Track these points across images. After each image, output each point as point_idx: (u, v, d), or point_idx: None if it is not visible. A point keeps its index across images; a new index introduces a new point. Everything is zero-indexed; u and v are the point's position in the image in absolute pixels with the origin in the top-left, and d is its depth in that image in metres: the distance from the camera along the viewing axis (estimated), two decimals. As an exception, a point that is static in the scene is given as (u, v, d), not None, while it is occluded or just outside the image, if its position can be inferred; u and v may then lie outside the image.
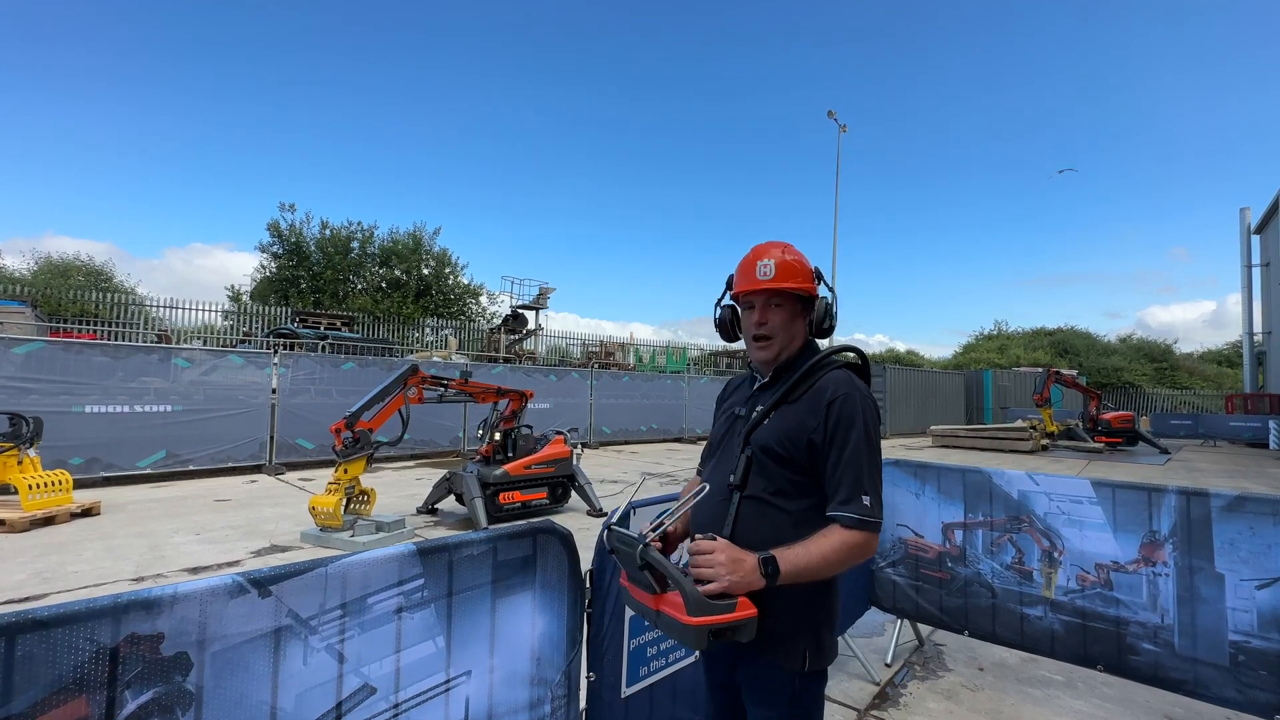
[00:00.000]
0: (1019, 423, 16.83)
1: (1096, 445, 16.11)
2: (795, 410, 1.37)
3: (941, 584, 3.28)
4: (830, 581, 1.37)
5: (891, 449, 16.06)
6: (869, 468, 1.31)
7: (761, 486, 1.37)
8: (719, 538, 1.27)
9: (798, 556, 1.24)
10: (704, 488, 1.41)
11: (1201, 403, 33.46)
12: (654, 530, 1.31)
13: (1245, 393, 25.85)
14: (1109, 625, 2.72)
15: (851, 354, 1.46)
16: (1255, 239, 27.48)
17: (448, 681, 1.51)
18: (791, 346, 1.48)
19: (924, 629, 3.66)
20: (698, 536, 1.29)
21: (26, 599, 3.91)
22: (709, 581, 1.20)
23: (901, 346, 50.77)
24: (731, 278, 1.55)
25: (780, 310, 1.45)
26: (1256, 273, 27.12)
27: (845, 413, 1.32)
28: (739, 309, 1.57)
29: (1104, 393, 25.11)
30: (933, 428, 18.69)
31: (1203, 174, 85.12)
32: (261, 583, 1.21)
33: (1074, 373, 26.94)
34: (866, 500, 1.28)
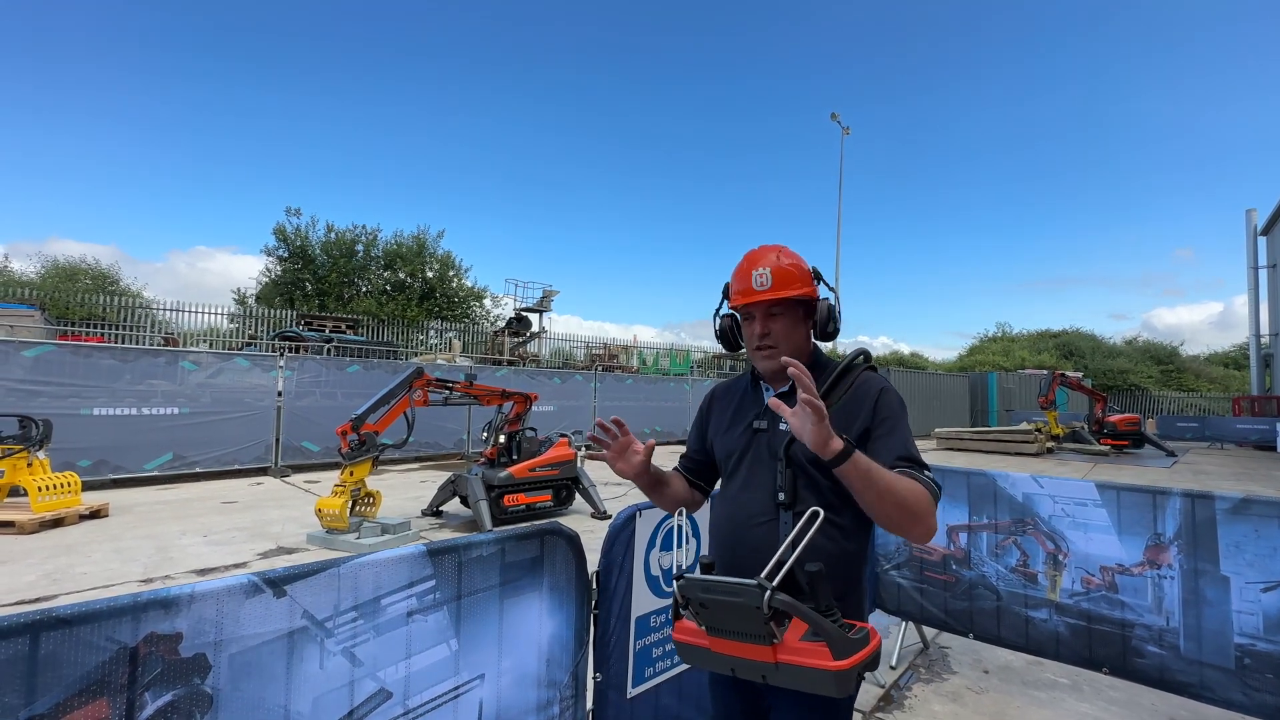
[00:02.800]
0: (1024, 425, 16.77)
1: (1102, 448, 16.04)
2: (835, 416, 1.30)
3: (946, 586, 3.28)
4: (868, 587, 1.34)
5: (895, 451, 15.97)
6: (918, 449, 1.32)
7: (813, 501, 1.29)
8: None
9: (872, 464, 1.17)
10: (817, 512, 1.16)
11: (1208, 405, 33.25)
12: (777, 571, 1.11)
13: (1252, 395, 25.68)
14: (1114, 628, 2.72)
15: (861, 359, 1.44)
16: (1262, 240, 27.33)
17: (462, 685, 1.53)
18: (801, 352, 1.44)
19: (929, 631, 3.66)
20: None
21: (37, 600, 3.95)
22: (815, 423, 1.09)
23: (905, 349, 50.69)
24: (728, 286, 1.50)
25: (780, 318, 1.42)
26: (1263, 274, 26.96)
27: (889, 405, 1.34)
28: (739, 318, 1.52)
29: (1109, 395, 24.95)
30: (937, 430, 18.64)
31: (1209, 176, 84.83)
32: (276, 582, 1.23)
33: (1079, 375, 26.84)
34: (928, 473, 1.26)
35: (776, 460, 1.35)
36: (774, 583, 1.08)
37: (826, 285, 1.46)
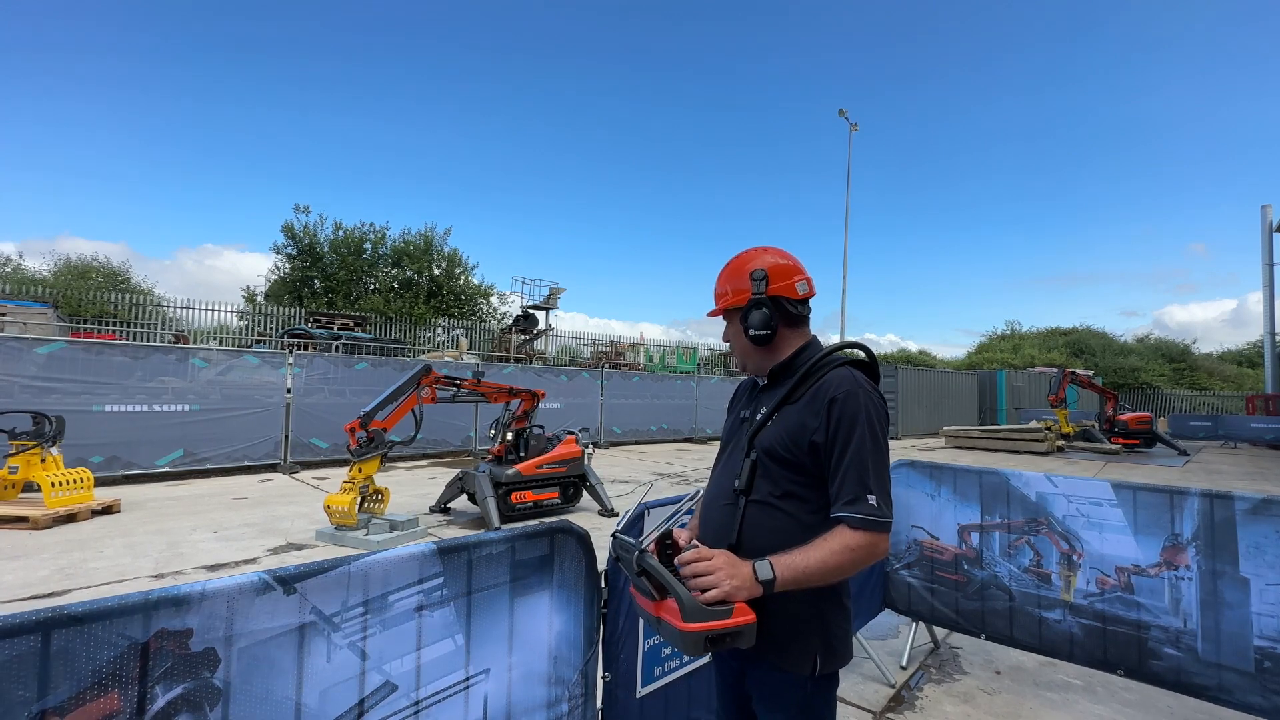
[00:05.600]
0: (1034, 424, 16.63)
1: (1113, 447, 15.88)
2: (796, 410, 1.34)
3: (958, 586, 3.25)
4: (840, 582, 1.32)
5: (904, 450, 15.94)
6: (874, 465, 1.26)
7: (767, 490, 1.35)
8: (702, 545, 1.30)
9: (796, 561, 1.21)
10: (698, 492, 1.43)
11: (1221, 404, 32.89)
12: (652, 536, 1.31)
13: (1267, 393, 25.36)
14: (1129, 629, 2.68)
15: (858, 352, 1.41)
16: (1277, 237, 26.92)
17: (467, 679, 1.52)
18: (749, 354, 1.48)
19: (940, 631, 3.63)
20: (696, 544, 1.31)
21: (50, 595, 3.99)
22: (708, 589, 1.19)
23: (913, 346, 50.42)
24: None
25: (729, 328, 1.52)
26: (1278, 271, 26.60)
27: (847, 411, 1.27)
28: None
29: (1121, 393, 24.75)
30: (945, 429, 18.52)
31: (1224, 171, 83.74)
32: (287, 580, 1.22)
33: (1090, 373, 26.59)
34: (872, 499, 1.23)
35: (746, 449, 1.41)
36: (645, 545, 1.28)
37: (762, 286, 1.41)
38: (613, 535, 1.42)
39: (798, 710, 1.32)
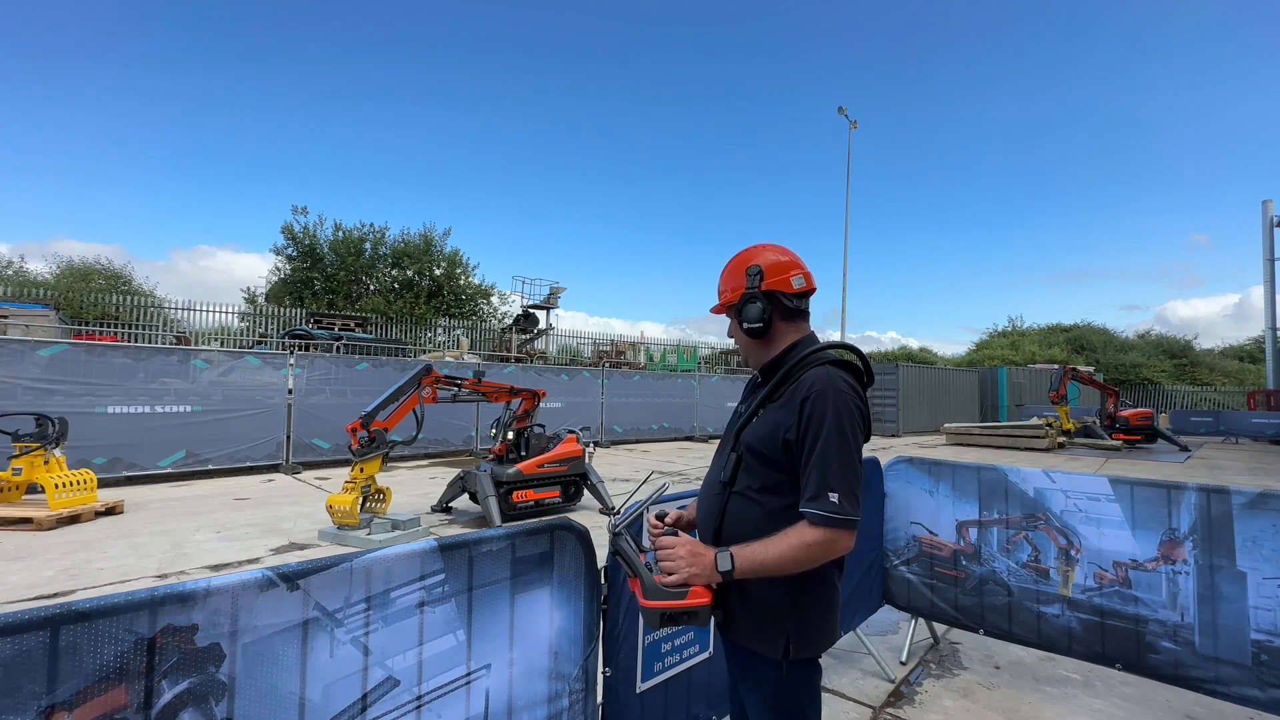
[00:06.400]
0: (1035, 420, 16.62)
1: (1114, 443, 15.87)
2: (775, 408, 1.39)
3: (956, 582, 3.26)
4: (813, 571, 1.32)
5: (905, 447, 15.95)
6: (838, 463, 1.26)
7: (747, 483, 1.42)
8: (681, 533, 1.41)
9: (755, 553, 1.27)
10: (664, 484, 1.61)
11: (1223, 399, 32.84)
12: (625, 521, 1.46)
13: (1268, 389, 25.33)
14: (1128, 624, 2.70)
15: (846, 353, 1.41)
16: (1278, 231, 26.90)
17: (468, 675, 1.54)
18: (748, 349, 1.54)
19: (939, 627, 3.65)
20: (676, 531, 1.43)
21: (55, 595, 4.01)
22: (673, 573, 1.31)
23: (914, 343, 50.46)
24: None
25: (731, 324, 1.57)
26: (1279, 266, 26.56)
27: (817, 410, 1.29)
28: None
29: (1122, 390, 24.71)
30: (946, 425, 18.53)
31: (1225, 167, 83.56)
32: (290, 577, 1.24)
33: (1091, 369, 26.57)
34: (834, 496, 1.24)
35: (732, 443, 1.49)
36: (617, 529, 1.43)
37: (758, 281, 1.45)
38: (610, 512, 1.55)
39: (772, 688, 1.38)
